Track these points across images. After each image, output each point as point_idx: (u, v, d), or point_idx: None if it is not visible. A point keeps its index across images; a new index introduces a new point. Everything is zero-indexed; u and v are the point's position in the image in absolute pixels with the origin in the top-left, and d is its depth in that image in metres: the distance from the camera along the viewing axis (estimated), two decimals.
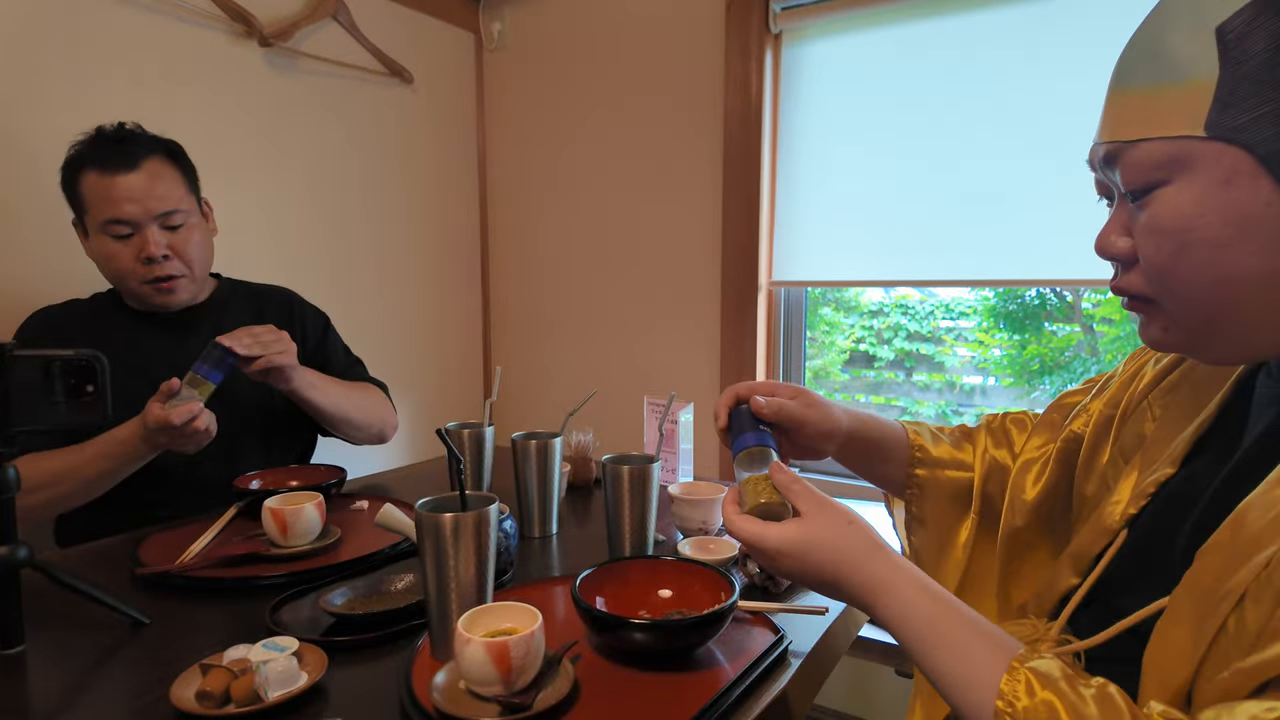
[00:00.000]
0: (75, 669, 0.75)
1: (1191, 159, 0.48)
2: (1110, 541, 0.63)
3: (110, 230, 1.19)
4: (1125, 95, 0.52)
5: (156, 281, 1.22)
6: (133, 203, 1.18)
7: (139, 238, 1.20)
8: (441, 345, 2.32)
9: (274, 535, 1.00)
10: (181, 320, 1.33)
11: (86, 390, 0.81)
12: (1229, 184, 0.47)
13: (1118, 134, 0.52)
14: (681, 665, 0.73)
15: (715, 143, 1.95)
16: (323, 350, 1.48)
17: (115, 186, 1.17)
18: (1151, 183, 0.50)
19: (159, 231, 1.21)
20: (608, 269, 2.18)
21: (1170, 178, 0.49)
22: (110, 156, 1.18)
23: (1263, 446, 0.53)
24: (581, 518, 1.22)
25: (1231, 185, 0.47)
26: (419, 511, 0.72)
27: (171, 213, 1.21)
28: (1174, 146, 0.49)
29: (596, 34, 2.12)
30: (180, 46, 1.62)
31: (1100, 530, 0.64)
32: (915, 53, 1.70)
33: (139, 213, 1.19)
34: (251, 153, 1.37)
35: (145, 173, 1.20)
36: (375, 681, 0.72)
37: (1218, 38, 0.46)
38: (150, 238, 1.19)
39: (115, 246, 1.20)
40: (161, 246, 1.20)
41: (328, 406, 1.32)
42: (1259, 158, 0.46)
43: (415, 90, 2.14)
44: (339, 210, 1.99)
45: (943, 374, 1.88)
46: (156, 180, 1.20)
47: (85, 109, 1.48)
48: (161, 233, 1.21)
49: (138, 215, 1.19)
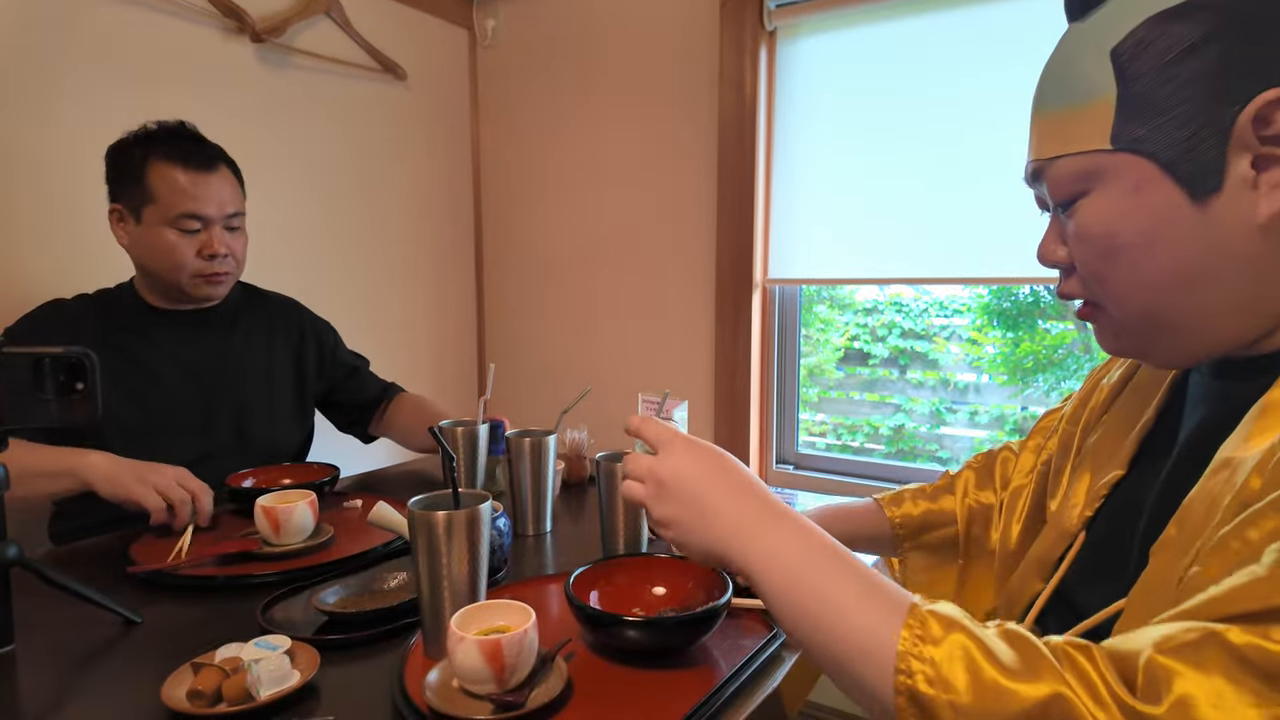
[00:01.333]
0: (66, 668, 0.75)
1: (1104, 170, 0.52)
2: (1070, 544, 0.64)
3: (181, 224, 1.24)
4: (1043, 118, 0.57)
5: (212, 275, 1.28)
6: (211, 203, 1.25)
7: (205, 234, 1.26)
8: (435, 343, 2.31)
9: (267, 533, 1.00)
10: (197, 319, 1.35)
11: (77, 388, 0.80)
12: (1139, 191, 0.51)
13: (1040, 153, 0.57)
14: (675, 663, 0.73)
15: (710, 139, 1.95)
16: (338, 355, 1.53)
17: (198, 184, 1.24)
18: (1074, 194, 0.55)
19: (223, 231, 1.28)
20: (602, 266, 2.18)
21: (1089, 188, 0.54)
22: (191, 155, 1.25)
23: (1197, 443, 0.55)
24: (575, 515, 1.22)
25: (1141, 192, 0.51)
26: (411, 510, 0.72)
27: (235, 214, 1.30)
28: (1088, 160, 0.53)
29: (590, 30, 2.11)
30: (171, 42, 1.61)
31: (1061, 534, 0.66)
32: (910, 49, 1.70)
33: (215, 212, 1.26)
34: (243, 150, 1.37)
35: (221, 176, 1.28)
36: (368, 680, 0.72)
37: (1113, 60, 0.51)
38: (216, 236, 1.26)
39: (180, 240, 1.25)
40: (225, 245, 1.27)
41: None
42: (1161, 164, 0.50)
43: (409, 87, 2.13)
44: (332, 207, 1.98)
45: (937, 371, 1.89)
46: (227, 184, 1.29)
47: (75, 104, 1.48)
48: (224, 233, 1.28)
49: (213, 214, 1.25)
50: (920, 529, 0.88)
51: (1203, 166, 0.49)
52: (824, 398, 2.03)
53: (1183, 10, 0.49)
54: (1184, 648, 0.41)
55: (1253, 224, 0.49)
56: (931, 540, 0.88)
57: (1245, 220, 0.49)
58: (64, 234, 1.30)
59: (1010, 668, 0.45)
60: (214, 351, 1.34)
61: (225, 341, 1.36)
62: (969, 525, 0.87)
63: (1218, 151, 0.49)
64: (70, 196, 1.47)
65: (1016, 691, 0.44)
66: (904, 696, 0.47)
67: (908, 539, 0.88)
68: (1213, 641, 0.41)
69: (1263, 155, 0.48)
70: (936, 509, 0.88)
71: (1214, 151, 0.49)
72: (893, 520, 0.89)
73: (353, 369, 1.54)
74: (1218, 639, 0.41)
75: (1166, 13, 0.50)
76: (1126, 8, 0.52)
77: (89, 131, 1.47)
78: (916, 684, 0.47)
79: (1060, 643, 0.46)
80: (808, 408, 2.03)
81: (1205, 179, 0.49)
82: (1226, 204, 0.49)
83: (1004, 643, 0.47)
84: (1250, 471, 0.45)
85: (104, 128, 1.30)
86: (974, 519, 0.87)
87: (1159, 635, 0.43)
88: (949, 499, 0.89)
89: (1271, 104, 0.47)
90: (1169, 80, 0.49)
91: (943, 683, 0.46)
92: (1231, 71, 0.48)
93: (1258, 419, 0.48)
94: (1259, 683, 0.39)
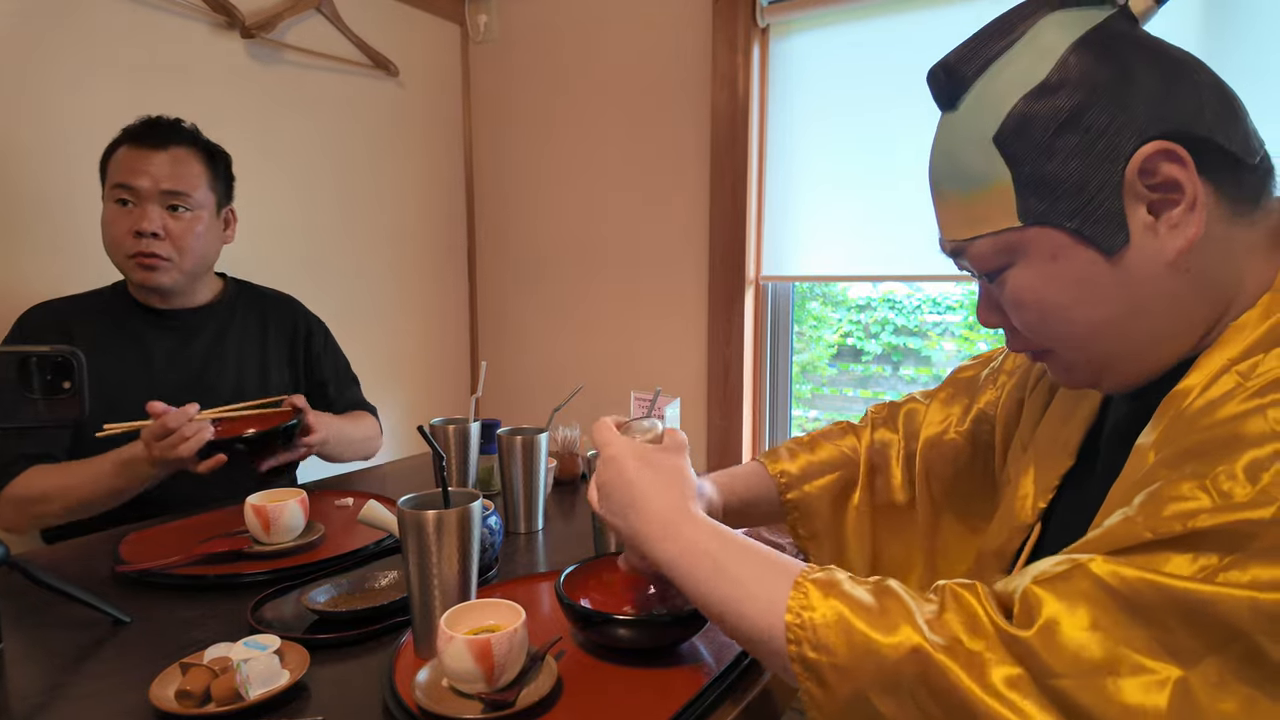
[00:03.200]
0: (54, 668, 0.74)
1: (1020, 245, 0.56)
2: (1027, 537, 0.66)
3: (115, 195, 1.22)
4: (946, 203, 0.60)
5: (139, 256, 1.23)
6: (145, 176, 1.21)
7: (139, 210, 1.21)
8: (426, 340, 2.30)
9: (257, 532, 0.99)
10: (186, 320, 1.33)
11: (64, 387, 0.80)
12: (1056, 258, 0.55)
13: (954, 235, 0.60)
14: (665, 661, 0.73)
15: (703, 136, 1.94)
16: (321, 363, 1.49)
17: (137, 159, 1.22)
18: (998, 267, 0.58)
19: (159, 210, 1.22)
20: (595, 263, 2.17)
21: (1011, 261, 0.57)
22: (143, 133, 1.23)
23: (1115, 443, 0.60)
24: (567, 514, 1.22)
25: (1059, 259, 0.55)
26: (401, 508, 0.71)
27: (178, 195, 1.24)
28: (1002, 239, 0.56)
29: (583, 26, 2.11)
30: (160, 37, 1.60)
31: (1015, 527, 0.68)
32: (902, 45, 1.70)
33: (147, 185, 1.21)
34: (233, 146, 1.36)
35: (170, 155, 1.23)
36: (358, 679, 0.72)
37: (997, 147, 0.55)
38: (148, 213, 1.21)
39: (115, 213, 1.22)
40: (156, 224, 1.22)
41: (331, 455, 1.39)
42: (1070, 233, 0.54)
43: (400, 83, 2.12)
44: (323, 205, 1.97)
45: (929, 368, 1.89)
46: (177, 164, 1.24)
47: (63, 100, 1.46)
48: (162, 213, 1.23)
49: (145, 187, 1.21)
50: (801, 479, 0.88)
51: (1108, 225, 0.53)
52: (817, 394, 2.03)
53: (1046, 89, 0.53)
54: (1055, 578, 0.47)
55: (1162, 263, 0.53)
56: (814, 491, 0.87)
57: (1155, 262, 0.53)
58: (49, 232, 1.29)
59: (875, 622, 0.50)
60: (205, 349, 1.33)
61: (217, 338, 1.35)
62: (870, 468, 0.87)
63: (1116, 207, 0.52)
64: (57, 193, 1.46)
65: (879, 643, 0.49)
66: (798, 664, 0.52)
67: (791, 488, 0.88)
68: (1078, 571, 0.46)
69: (1156, 201, 0.52)
70: (816, 460, 0.88)
71: (1114, 208, 0.53)
72: (774, 474, 0.88)
73: (322, 383, 1.48)
74: (1082, 569, 0.46)
75: (1032, 93, 0.53)
76: (993, 94, 0.55)
77: (76, 127, 1.46)
78: (804, 651, 0.52)
79: (947, 584, 0.51)
80: (801, 404, 2.03)
81: (1113, 236, 0.53)
82: (1137, 252, 0.53)
83: (872, 598, 0.51)
84: (1150, 450, 0.50)
85: (91, 124, 1.30)
86: (875, 458, 0.87)
87: (1036, 570, 0.48)
88: (829, 447, 0.89)
89: (1151, 157, 0.51)
90: (1054, 155, 0.53)
91: (823, 647, 0.51)
92: (1108, 134, 0.52)
93: (1163, 408, 0.53)
94: (1119, 610, 0.44)
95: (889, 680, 0.48)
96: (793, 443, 0.91)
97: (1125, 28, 0.54)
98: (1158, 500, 0.46)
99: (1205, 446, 0.46)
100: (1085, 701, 0.43)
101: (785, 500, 0.87)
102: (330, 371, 1.50)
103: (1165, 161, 0.51)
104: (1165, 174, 0.51)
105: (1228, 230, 0.53)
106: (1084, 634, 0.44)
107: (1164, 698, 0.42)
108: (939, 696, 0.46)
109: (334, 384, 1.50)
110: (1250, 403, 0.46)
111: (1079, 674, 0.43)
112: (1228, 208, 0.53)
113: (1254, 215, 0.54)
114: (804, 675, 0.52)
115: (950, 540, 0.83)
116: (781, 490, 0.87)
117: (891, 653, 0.48)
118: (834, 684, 0.50)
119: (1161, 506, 0.45)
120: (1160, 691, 0.42)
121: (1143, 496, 0.47)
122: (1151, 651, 0.43)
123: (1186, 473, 0.46)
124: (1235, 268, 0.54)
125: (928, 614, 0.49)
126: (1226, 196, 0.53)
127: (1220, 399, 0.48)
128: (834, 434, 0.91)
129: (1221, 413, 0.47)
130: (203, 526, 1.09)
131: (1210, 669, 0.42)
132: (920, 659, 0.47)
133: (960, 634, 0.47)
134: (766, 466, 0.89)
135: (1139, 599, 0.43)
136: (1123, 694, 0.42)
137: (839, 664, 0.50)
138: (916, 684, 0.47)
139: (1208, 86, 0.53)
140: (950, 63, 0.58)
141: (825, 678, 0.51)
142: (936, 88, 0.60)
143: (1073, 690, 0.43)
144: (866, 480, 0.87)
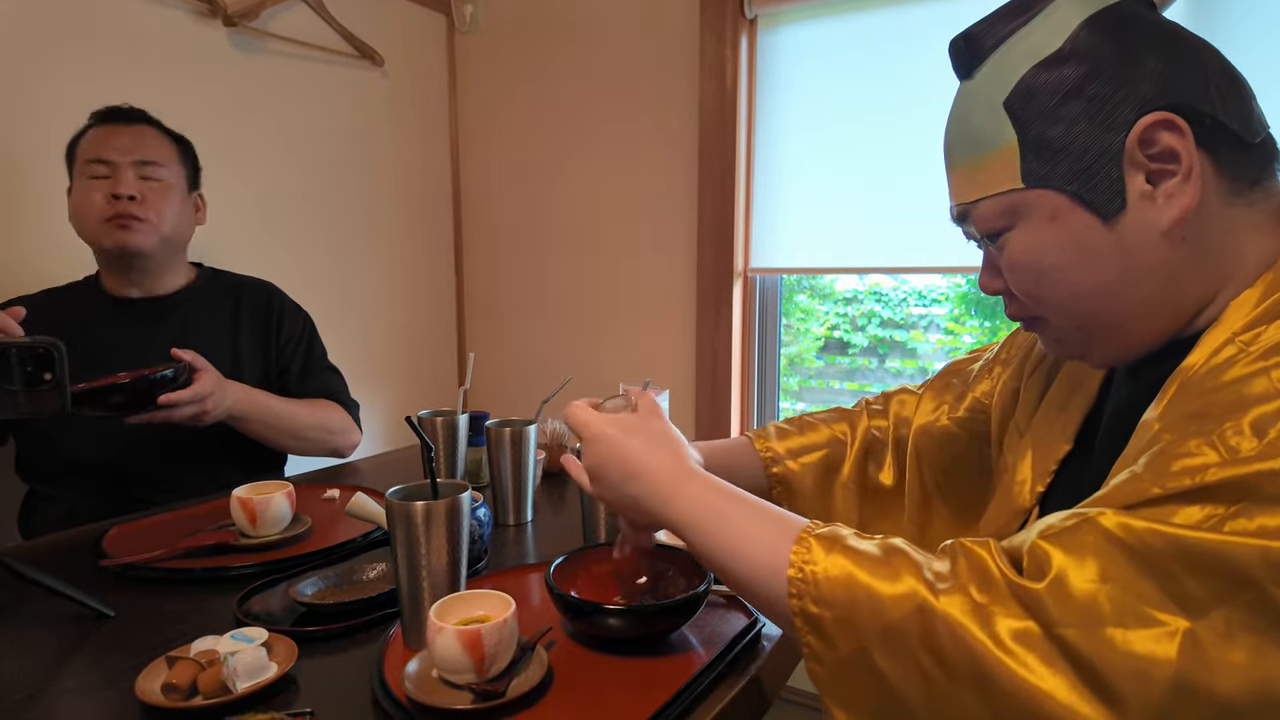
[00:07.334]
0: (38, 663, 0.73)
1: (1021, 207, 0.58)
2: (1024, 521, 0.67)
3: (87, 171, 1.23)
4: (957, 168, 0.63)
5: (118, 218, 1.23)
6: (117, 148, 1.24)
7: (113, 179, 1.23)
8: (414, 332, 2.29)
9: (243, 525, 0.99)
10: (155, 308, 1.32)
11: (45, 378, 0.79)
12: (1055, 220, 0.57)
13: (962, 198, 0.62)
14: (656, 650, 0.73)
15: (690, 128, 1.94)
16: (287, 350, 1.43)
17: (108, 134, 1.25)
18: (1000, 229, 0.60)
19: (134, 176, 1.24)
20: (582, 255, 2.17)
21: (1013, 223, 0.59)
22: (114, 116, 1.27)
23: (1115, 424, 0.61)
24: (556, 505, 1.22)
25: (1057, 221, 0.57)
26: (389, 500, 0.71)
27: (151, 164, 1.26)
28: (1005, 200, 0.59)
29: (570, 16, 2.09)
30: (141, 25, 1.58)
31: (1013, 511, 0.69)
32: (891, 38, 1.70)
33: (119, 155, 1.23)
34: (215, 136, 1.35)
35: (139, 130, 1.27)
36: (347, 671, 0.71)
37: (1006, 111, 0.57)
38: (123, 177, 1.23)
39: (89, 186, 1.23)
40: (132, 187, 1.23)
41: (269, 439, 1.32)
42: (1070, 195, 0.56)
43: (385, 73, 2.10)
44: (307, 196, 1.95)
45: (915, 360, 1.90)
46: (145, 136, 1.27)
47: (44, 90, 1.44)
48: (137, 180, 1.25)
49: (117, 157, 1.23)
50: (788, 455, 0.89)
51: (1106, 190, 0.55)
52: (804, 386, 2.04)
53: (1056, 59, 0.56)
54: (1063, 532, 0.47)
55: (1157, 232, 0.54)
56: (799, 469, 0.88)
57: (1151, 230, 0.54)
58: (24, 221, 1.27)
59: (878, 573, 0.50)
60: (169, 339, 1.30)
61: (181, 328, 1.33)
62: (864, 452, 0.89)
63: (1115, 174, 0.54)
64: (32, 182, 1.44)
65: (882, 594, 0.49)
66: (800, 617, 0.53)
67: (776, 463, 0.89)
68: (1087, 525, 0.47)
69: (1154, 171, 0.54)
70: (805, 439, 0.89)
71: (1112, 175, 0.54)
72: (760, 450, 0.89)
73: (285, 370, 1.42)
74: (1091, 522, 0.46)
75: (1042, 63, 0.56)
76: (1007, 63, 0.58)
77: (51, 115, 1.43)
78: (806, 605, 0.52)
79: (958, 540, 0.51)
80: (788, 396, 2.04)
81: (1110, 201, 0.55)
82: (1133, 219, 0.55)
83: (879, 550, 0.52)
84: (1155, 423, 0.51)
85: (67, 112, 1.28)
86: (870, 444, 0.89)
87: (1043, 525, 0.49)
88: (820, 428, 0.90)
89: (1150, 127, 0.53)
90: (1059, 121, 0.55)
91: (825, 601, 0.51)
92: (1110, 104, 0.54)
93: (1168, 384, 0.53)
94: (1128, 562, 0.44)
95: (890, 633, 0.49)
96: (784, 422, 0.92)
97: (1140, 10, 0.56)
98: (1165, 458, 0.46)
99: (1210, 408, 0.47)
100: (1094, 653, 0.43)
101: (770, 474, 0.88)
102: (296, 359, 1.44)
103: (1164, 131, 0.52)
104: (1164, 144, 0.53)
105: (1225, 207, 0.54)
106: (1093, 585, 0.44)
107: (1173, 648, 0.42)
108: (941, 649, 0.47)
109: (297, 371, 1.43)
110: (1254, 365, 0.47)
111: (1088, 625, 0.44)
112: (1226, 184, 0.54)
113: (1253, 195, 0.55)
114: (805, 629, 0.52)
115: (940, 527, 0.84)
116: (767, 464, 0.88)
117: (893, 605, 0.49)
118: (835, 637, 0.51)
119: (1169, 463, 0.46)
120: (1169, 642, 0.42)
121: (1148, 456, 0.47)
122: (1160, 603, 0.43)
123: (1192, 431, 0.46)
124: (1233, 245, 0.55)
125: (938, 568, 0.50)
126: (1225, 173, 0.54)
127: (1223, 364, 0.49)
128: (826, 417, 0.92)
129: (1225, 376, 0.48)
130: (188, 520, 1.08)
131: (1218, 620, 0.42)
132: (924, 611, 0.48)
133: (970, 585, 0.48)
134: (753, 441, 0.89)
135: (1148, 550, 0.44)
136: (1132, 645, 0.43)
137: (840, 617, 0.50)
138: (918, 638, 0.48)
139: (1214, 68, 0.54)
140: (972, 34, 0.61)
141: (826, 631, 0.51)
142: (956, 56, 0.63)
143: (1081, 642, 0.44)
144: (857, 461, 0.87)
